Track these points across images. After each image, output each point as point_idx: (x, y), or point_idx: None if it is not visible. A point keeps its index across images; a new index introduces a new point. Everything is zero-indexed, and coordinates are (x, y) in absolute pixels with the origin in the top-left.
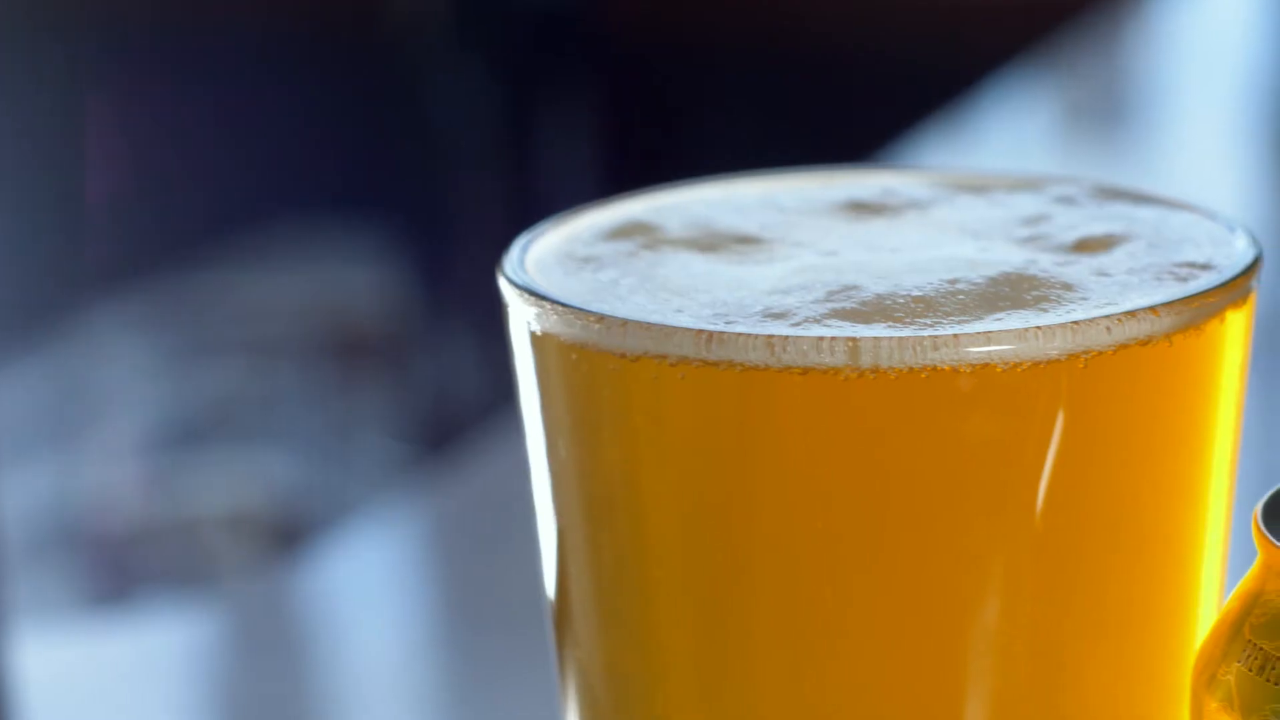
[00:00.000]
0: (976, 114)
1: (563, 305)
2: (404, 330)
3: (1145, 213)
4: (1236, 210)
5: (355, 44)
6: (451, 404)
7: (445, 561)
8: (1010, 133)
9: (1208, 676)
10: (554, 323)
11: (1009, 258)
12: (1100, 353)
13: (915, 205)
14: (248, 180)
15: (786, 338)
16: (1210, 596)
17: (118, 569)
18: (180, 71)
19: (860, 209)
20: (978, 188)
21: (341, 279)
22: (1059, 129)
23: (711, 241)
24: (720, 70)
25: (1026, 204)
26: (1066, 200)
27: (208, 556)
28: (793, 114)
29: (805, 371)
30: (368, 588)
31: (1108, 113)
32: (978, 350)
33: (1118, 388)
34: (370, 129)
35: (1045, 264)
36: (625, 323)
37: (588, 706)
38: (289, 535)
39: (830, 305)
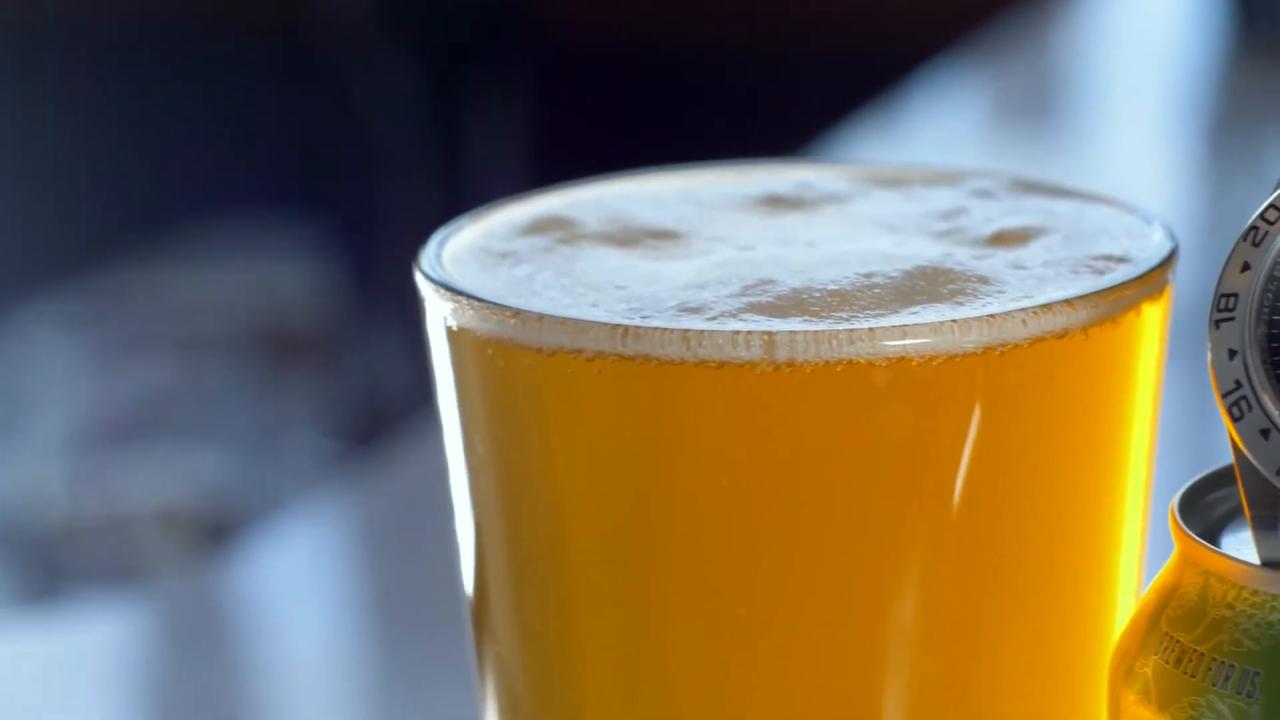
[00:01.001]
0: (905, 107)
1: (479, 300)
2: (333, 327)
3: (1062, 206)
4: (1164, 204)
5: (284, 42)
6: (380, 400)
7: (374, 557)
8: (939, 126)
9: (1125, 669)
10: (470, 318)
11: (925, 251)
12: (1016, 345)
13: (832, 199)
14: (177, 178)
15: (702, 332)
16: (1128, 589)
17: (48, 566)
18: (110, 69)
19: (777, 203)
20: (895, 182)
21: (271, 276)
22: (988, 122)
23: (628, 236)
24: (648, 66)
25: (944, 198)
26: (984, 194)
27: (138, 553)
28: (722, 109)
29: (721, 366)
30: (297, 583)
31: (1037, 106)
32: (893, 344)
33: (1034, 381)
34: (299, 127)
35: (962, 257)
36: (541, 317)
37: (507, 702)
38: (219, 531)
39: (746, 299)
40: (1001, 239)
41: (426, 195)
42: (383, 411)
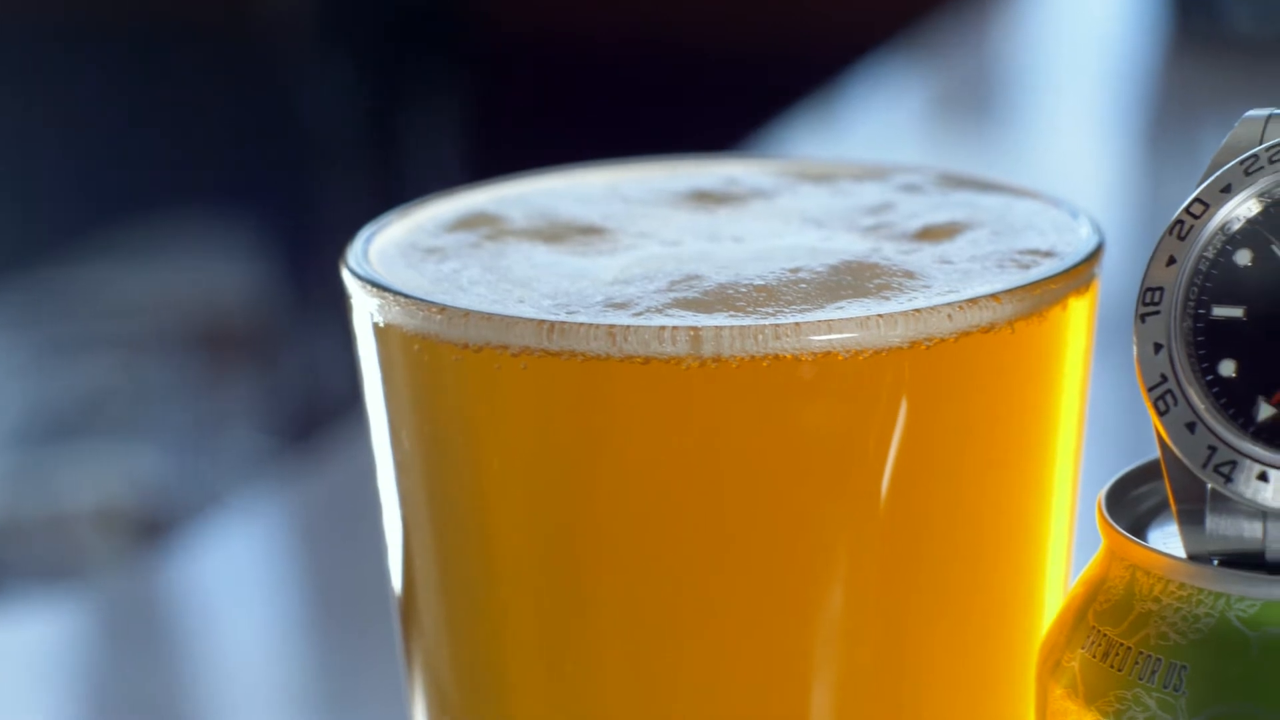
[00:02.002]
0: (843, 102)
1: (405, 296)
2: (270, 325)
3: (989, 200)
4: (1101, 198)
5: (223, 40)
6: (318, 397)
7: (311, 553)
8: (877, 121)
9: (1052, 663)
10: (396, 314)
11: (852, 246)
12: (942, 340)
13: (760, 194)
14: (115, 176)
15: (628, 327)
16: (1056, 583)
17: None
18: (49, 66)
19: (704, 198)
20: (822, 177)
21: (208, 274)
22: (926, 117)
23: (555, 232)
24: (587, 62)
25: (871, 193)
26: (911, 188)
27: (76, 550)
28: (660, 103)
29: (647, 361)
30: (234, 580)
31: (975, 101)
32: (819, 339)
33: (960, 375)
34: (237, 125)
35: (888, 252)
36: (467, 313)
37: (435, 698)
38: (156, 528)
39: (672, 295)
40: (928, 234)
41: (364, 193)
42: (319, 408)
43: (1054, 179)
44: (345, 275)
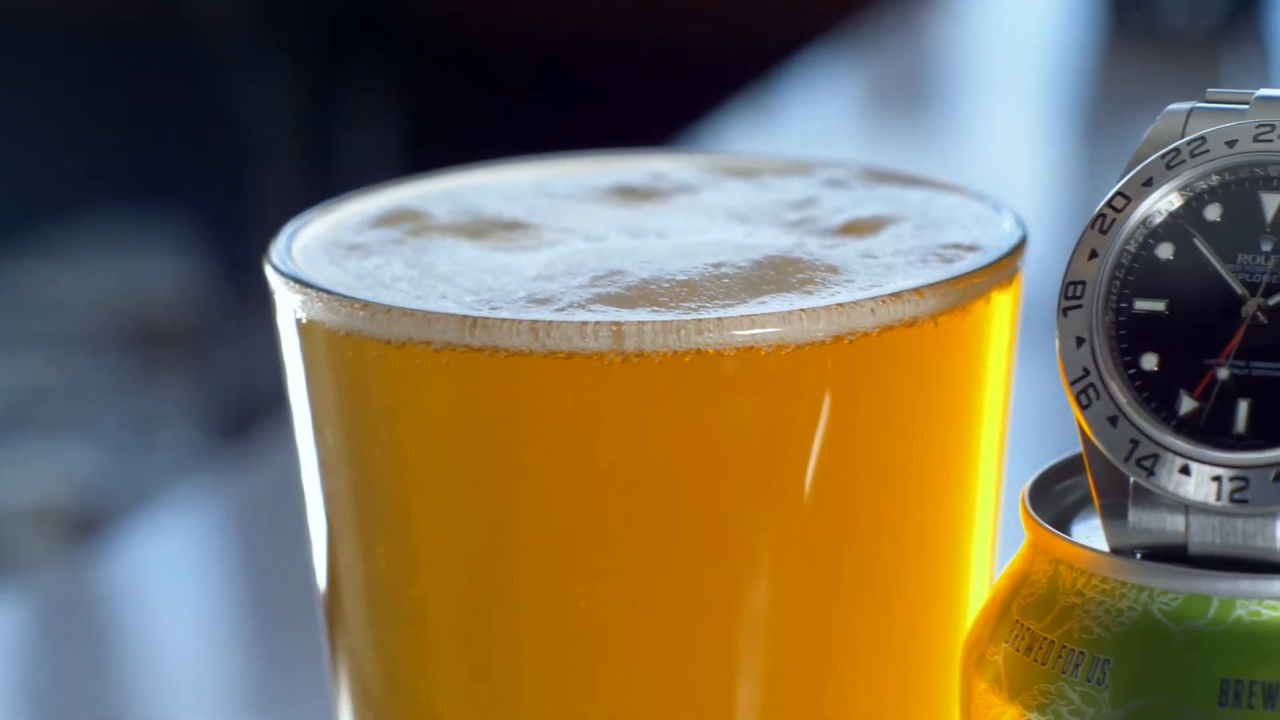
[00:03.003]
0: (779, 96)
1: (328, 293)
2: (204, 322)
3: (913, 195)
4: (1035, 193)
5: (156, 37)
6: (251, 394)
7: (246, 549)
8: (813, 115)
9: (976, 657)
10: (319, 310)
11: (776, 241)
12: (865, 334)
13: (684, 190)
14: (49, 173)
15: (551, 323)
16: (981, 578)
17: None
18: None
19: (629, 194)
20: (747, 172)
21: (143, 271)
22: (862, 111)
23: (479, 228)
24: (523, 58)
25: (795, 188)
26: (835, 183)
27: (11, 548)
28: (596, 98)
29: (570, 356)
30: (169, 577)
31: (910, 95)
32: (742, 333)
33: (883, 369)
34: (171, 122)
35: (811, 247)
36: (390, 309)
37: (360, 694)
38: (91, 526)
39: (595, 290)
40: (852, 228)
41: (299, 190)
42: (253, 405)
43: (989, 173)
44: (269, 272)
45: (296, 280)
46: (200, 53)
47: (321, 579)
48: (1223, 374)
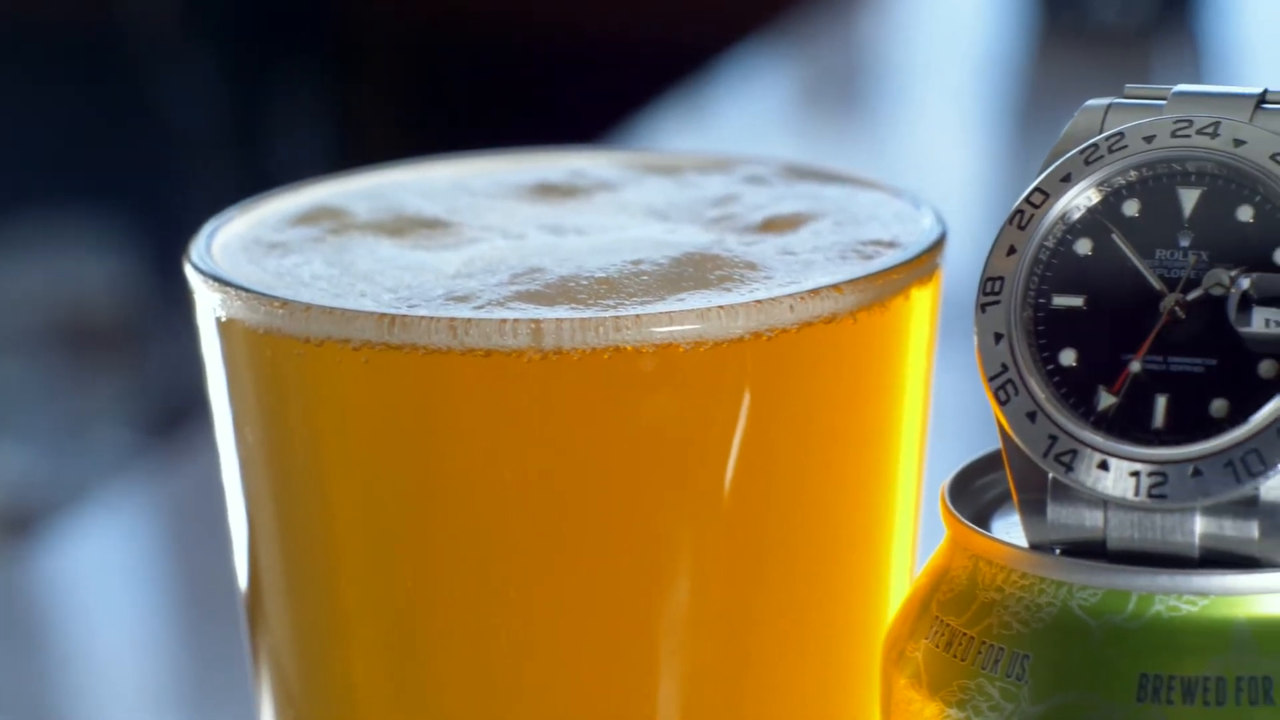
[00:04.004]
0: (711, 91)
1: (247, 291)
2: (134, 321)
3: (833, 191)
4: (966, 189)
5: (85, 35)
6: (182, 393)
7: (176, 548)
8: (745, 110)
9: (896, 653)
10: (238, 309)
11: (695, 239)
12: (784, 331)
13: (604, 187)
14: None
15: (469, 320)
16: (901, 574)
17: None
18: None
19: (549, 191)
20: (668, 169)
21: (73, 271)
22: (795, 107)
23: (399, 226)
24: (453, 54)
25: (716, 185)
26: (756, 180)
27: None
28: (528, 94)
29: (488, 354)
30: (100, 576)
31: (843, 92)
32: (660, 330)
33: (802, 366)
34: (99, 122)
35: (731, 244)
36: (308, 308)
37: (281, 694)
38: (22, 525)
39: (514, 288)
40: (772, 225)
41: (228, 189)
42: (183, 403)
43: (921, 169)
44: (188, 270)
45: (215, 279)
46: (128, 52)
47: (242, 578)
48: (1141, 369)
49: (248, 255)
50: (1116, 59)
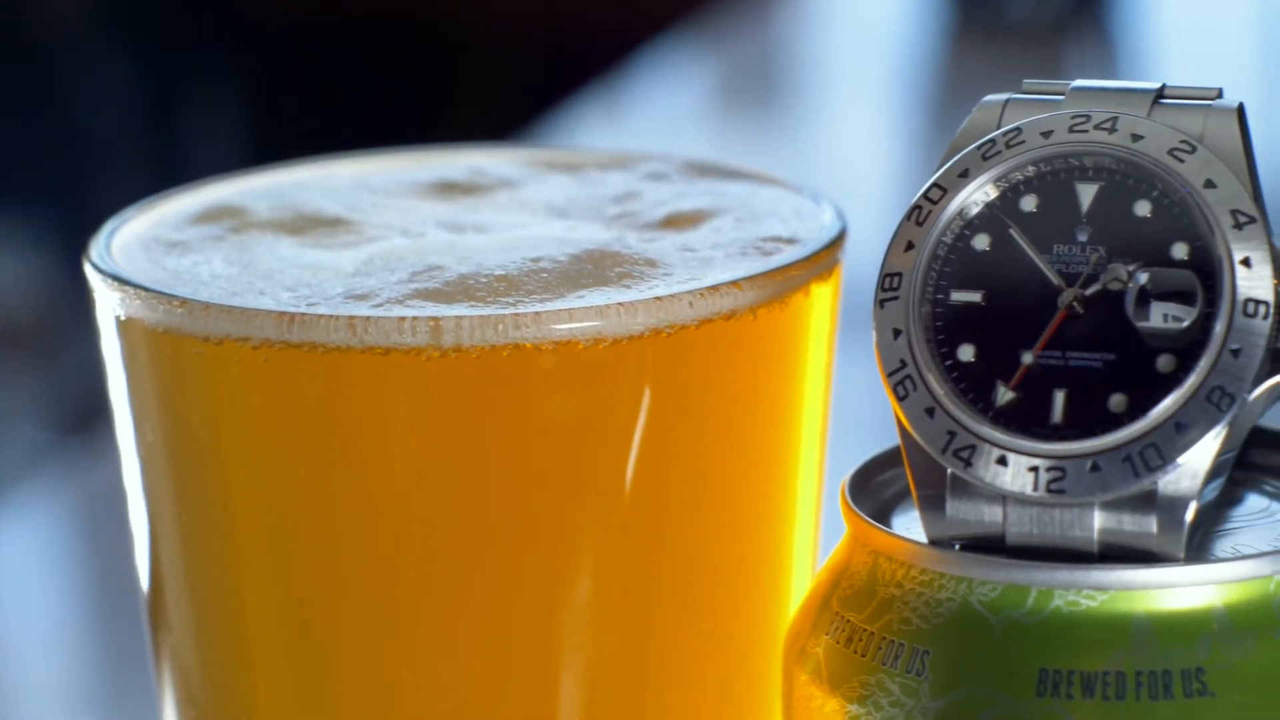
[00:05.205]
0: (627, 88)
1: (146, 290)
2: (48, 320)
3: (734, 188)
4: (882, 184)
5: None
6: (95, 392)
7: (89, 547)
8: (661, 106)
9: (798, 649)
10: (138, 308)
11: (596, 235)
12: (683, 327)
13: (505, 184)
14: None
15: (368, 318)
16: (803, 571)
17: None
18: None
19: (450, 189)
20: (569, 166)
21: None
22: (711, 103)
23: (299, 224)
24: (369, 50)
25: (617, 181)
26: (657, 177)
27: None
28: (444, 91)
29: (387, 352)
30: (12, 575)
31: (760, 87)
32: (559, 328)
33: (702, 362)
34: (14, 123)
35: (631, 241)
36: (207, 306)
37: (184, 693)
38: None
39: (413, 286)
40: (672, 222)
41: (145, 189)
42: (96, 403)
43: (836, 166)
44: (87, 269)
45: (115, 278)
46: (39, 52)
47: (144, 578)
48: (1039, 364)
49: (147, 254)
50: (1030, 56)
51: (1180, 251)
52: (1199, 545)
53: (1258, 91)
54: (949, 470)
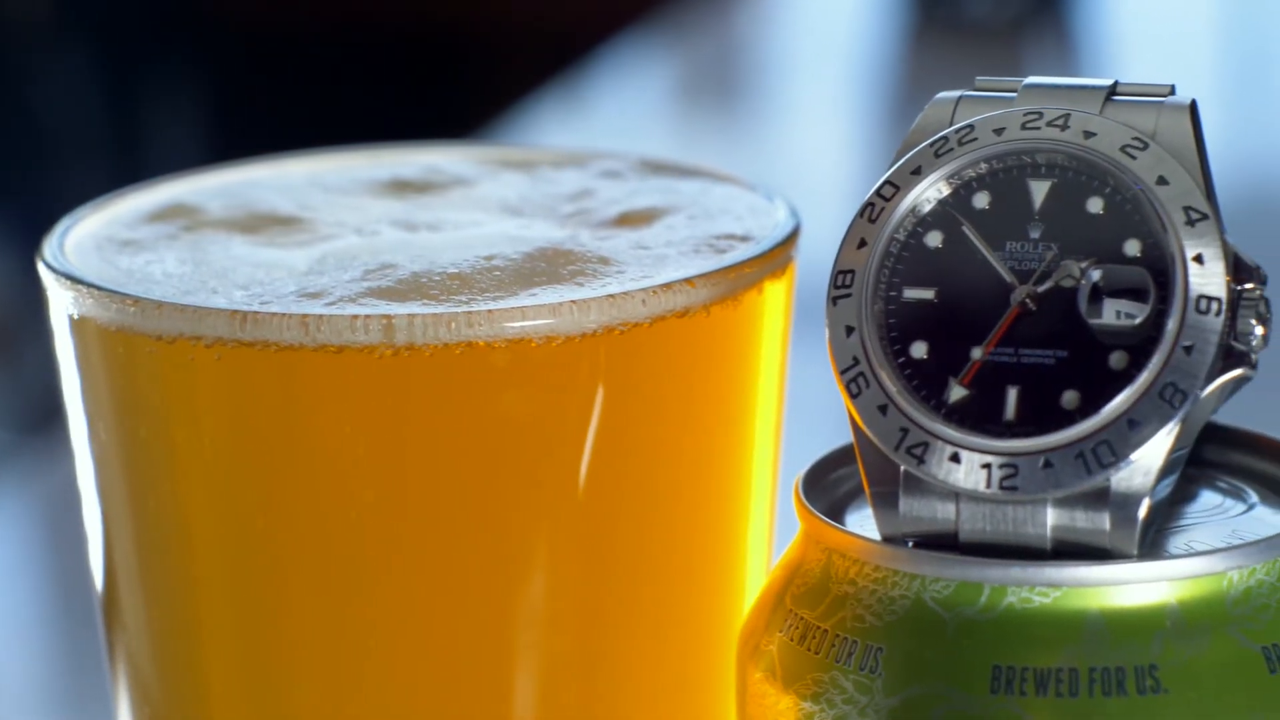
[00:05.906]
0: (588, 85)
1: (99, 289)
2: (9, 319)
3: (688, 186)
4: (842, 182)
5: None
6: (56, 392)
7: (50, 547)
8: (622, 104)
9: (751, 647)
10: (91, 307)
11: (549, 234)
12: (637, 325)
13: (460, 183)
14: None
15: (321, 316)
16: (757, 568)
17: None
18: None
19: (404, 187)
20: (523, 164)
21: None
22: (671, 101)
23: (252, 222)
24: (330, 48)
25: (571, 180)
26: (611, 175)
27: None
28: (407, 89)
29: (340, 350)
30: None
31: (720, 84)
32: (512, 325)
33: (656, 360)
34: None
35: (585, 239)
36: (160, 305)
37: (138, 693)
38: None
39: (366, 284)
40: (626, 220)
41: (107, 188)
42: (56, 403)
43: (795, 163)
44: (40, 268)
45: (68, 276)
46: (5, 49)
47: (98, 577)
48: (991, 361)
49: (100, 253)
50: (989, 53)
51: (1133, 248)
52: (1152, 542)
53: (1215, 89)
54: (902, 467)
